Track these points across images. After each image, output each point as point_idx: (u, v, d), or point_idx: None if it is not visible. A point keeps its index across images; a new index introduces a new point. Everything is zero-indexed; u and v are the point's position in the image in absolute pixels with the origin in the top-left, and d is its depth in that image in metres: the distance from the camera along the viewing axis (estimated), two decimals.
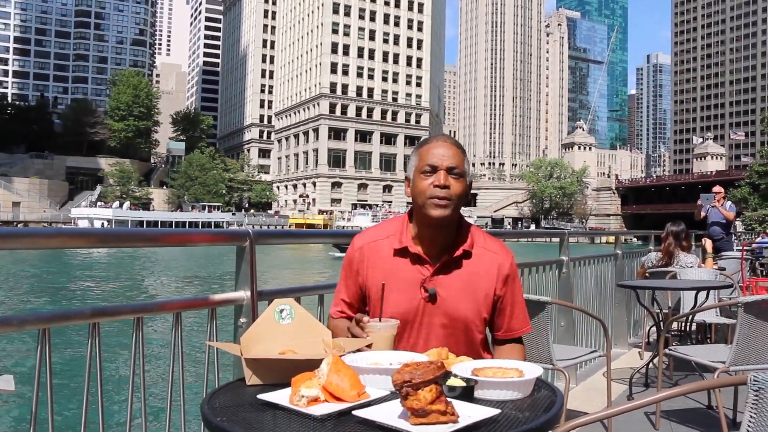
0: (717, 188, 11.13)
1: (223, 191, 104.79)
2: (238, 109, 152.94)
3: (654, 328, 7.16)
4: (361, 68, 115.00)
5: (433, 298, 2.05)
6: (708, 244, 8.88)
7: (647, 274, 6.76)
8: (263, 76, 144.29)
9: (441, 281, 2.06)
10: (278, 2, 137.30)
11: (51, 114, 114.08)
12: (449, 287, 2.06)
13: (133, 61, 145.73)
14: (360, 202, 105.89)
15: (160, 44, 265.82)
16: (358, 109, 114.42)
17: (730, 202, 11.31)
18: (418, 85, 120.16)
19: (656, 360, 5.17)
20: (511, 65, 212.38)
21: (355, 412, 1.39)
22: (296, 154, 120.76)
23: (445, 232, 2.08)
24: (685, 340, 6.17)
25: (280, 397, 1.51)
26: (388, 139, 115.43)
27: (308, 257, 51.23)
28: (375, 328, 1.91)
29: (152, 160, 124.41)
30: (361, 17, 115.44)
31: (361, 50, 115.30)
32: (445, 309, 2.06)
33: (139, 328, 2.20)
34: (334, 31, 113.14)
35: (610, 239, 12.41)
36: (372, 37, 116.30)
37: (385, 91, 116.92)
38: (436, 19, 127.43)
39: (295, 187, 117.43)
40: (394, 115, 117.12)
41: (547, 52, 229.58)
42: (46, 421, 1.97)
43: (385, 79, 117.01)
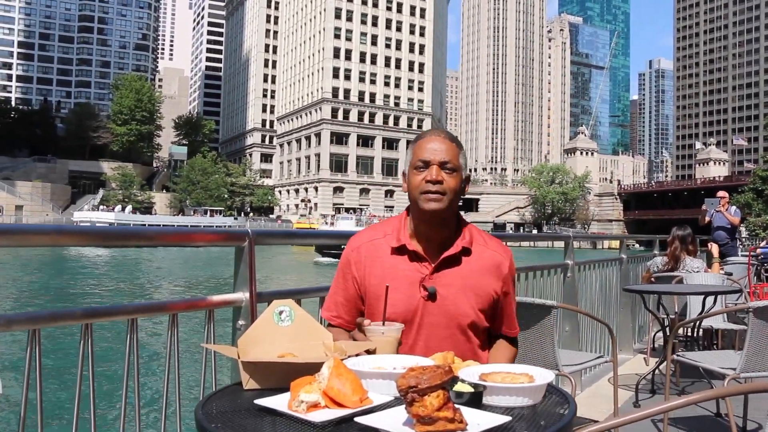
0: (722, 193, 11.06)
1: (225, 196, 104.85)
2: (241, 114, 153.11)
3: (659, 334, 7.08)
4: (363, 73, 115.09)
5: (432, 296, 1.99)
6: (714, 248, 8.81)
7: (653, 279, 6.68)
8: (265, 80, 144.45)
9: (440, 279, 2.00)
10: (281, 7, 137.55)
11: (54, 118, 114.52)
12: (449, 285, 2.00)
13: (135, 66, 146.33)
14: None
15: (163, 49, 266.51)
16: (360, 114, 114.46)
17: (734, 207, 11.23)
18: (420, 90, 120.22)
19: (663, 366, 5.08)
20: (513, 70, 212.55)
21: (357, 419, 1.31)
22: (298, 159, 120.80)
23: (442, 228, 2.03)
24: (692, 346, 6.09)
25: (278, 403, 1.43)
26: (390, 144, 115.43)
27: (309, 261, 51.07)
28: (378, 332, 1.84)
29: (154, 165, 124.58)
30: (364, 22, 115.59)
31: (363, 55, 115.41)
32: (445, 307, 2.00)
33: (134, 330, 2.12)
34: (337, 36, 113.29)
35: (613, 245, 12.38)
36: (374, 42, 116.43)
37: (387, 96, 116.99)
38: (438, 24, 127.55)
39: (297, 191, 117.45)
40: (396, 119, 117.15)
41: (549, 58, 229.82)
42: (36, 425, 1.89)
43: (387, 84, 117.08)
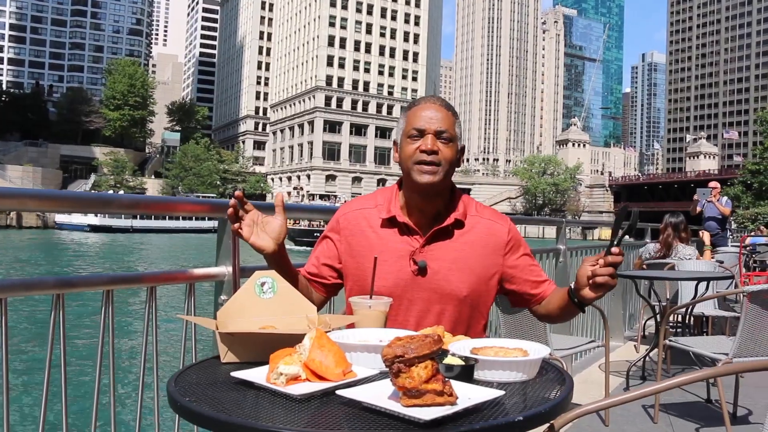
0: (713, 183, 11.06)
1: (218, 182, 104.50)
2: (234, 101, 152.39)
3: (650, 322, 7.05)
4: (357, 61, 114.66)
5: (422, 270, 1.89)
6: (706, 236, 8.79)
7: (644, 266, 6.64)
8: (259, 68, 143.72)
9: (432, 253, 1.91)
10: None
11: (46, 102, 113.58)
12: (441, 259, 1.90)
13: (129, 51, 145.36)
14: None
15: (157, 34, 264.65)
16: (354, 103, 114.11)
17: (726, 198, 11.24)
18: (414, 79, 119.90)
19: (653, 353, 5.05)
20: (507, 61, 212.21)
21: (339, 392, 1.22)
22: (291, 147, 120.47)
23: (435, 200, 1.93)
24: (683, 333, 6.06)
25: (256, 375, 1.36)
26: (383, 133, 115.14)
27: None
28: (365, 306, 1.74)
29: (147, 150, 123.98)
30: (358, 10, 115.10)
31: (357, 43, 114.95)
32: (436, 283, 1.90)
33: (110, 302, 2.03)
34: (331, 24, 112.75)
35: (603, 236, 12.35)
36: (369, 31, 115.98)
37: (380, 85, 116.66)
38: (432, 14, 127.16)
39: (290, 179, 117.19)
40: (390, 108, 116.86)
41: (543, 49, 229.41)
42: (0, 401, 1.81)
43: (381, 73, 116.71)
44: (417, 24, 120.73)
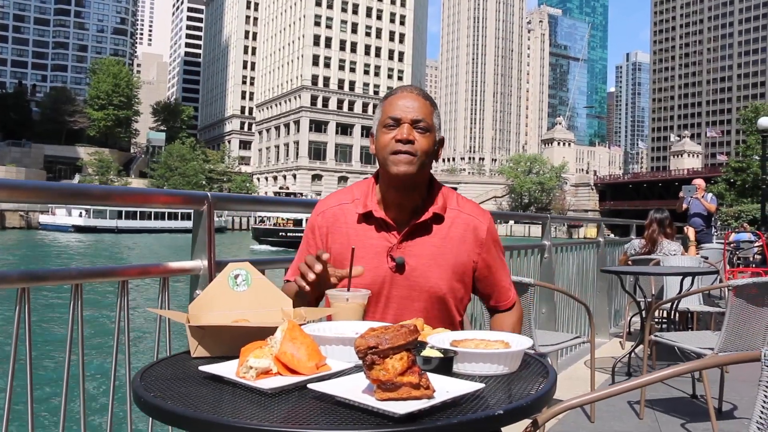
0: (698, 180, 11.09)
1: (203, 182, 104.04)
2: (220, 101, 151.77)
3: (635, 319, 7.04)
4: (342, 61, 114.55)
5: (400, 267, 1.83)
6: (691, 232, 8.79)
7: (629, 262, 6.62)
8: (245, 67, 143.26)
9: (409, 249, 1.84)
10: None
11: (29, 102, 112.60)
12: (419, 255, 1.84)
13: (113, 50, 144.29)
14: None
15: (142, 34, 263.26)
16: (340, 102, 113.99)
17: (711, 194, 11.27)
18: (400, 78, 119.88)
19: (639, 349, 5.02)
20: (492, 61, 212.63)
21: (311, 386, 1.18)
22: (277, 146, 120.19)
23: (412, 193, 1.86)
24: (668, 329, 6.04)
25: (225, 370, 1.31)
26: (369, 133, 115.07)
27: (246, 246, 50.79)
28: (342, 299, 1.67)
29: (132, 150, 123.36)
30: (344, 10, 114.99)
31: (343, 43, 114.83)
32: (414, 279, 1.83)
33: (79, 296, 1.96)
34: (317, 24, 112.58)
35: (588, 234, 12.35)
36: (354, 30, 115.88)
37: (366, 84, 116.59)
38: (418, 14, 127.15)
39: (276, 179, 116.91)
40: (375, 108, 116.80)
41: (528, 49, 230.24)
42: None
43: (366, 72, 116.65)
44: (402, 23, 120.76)
